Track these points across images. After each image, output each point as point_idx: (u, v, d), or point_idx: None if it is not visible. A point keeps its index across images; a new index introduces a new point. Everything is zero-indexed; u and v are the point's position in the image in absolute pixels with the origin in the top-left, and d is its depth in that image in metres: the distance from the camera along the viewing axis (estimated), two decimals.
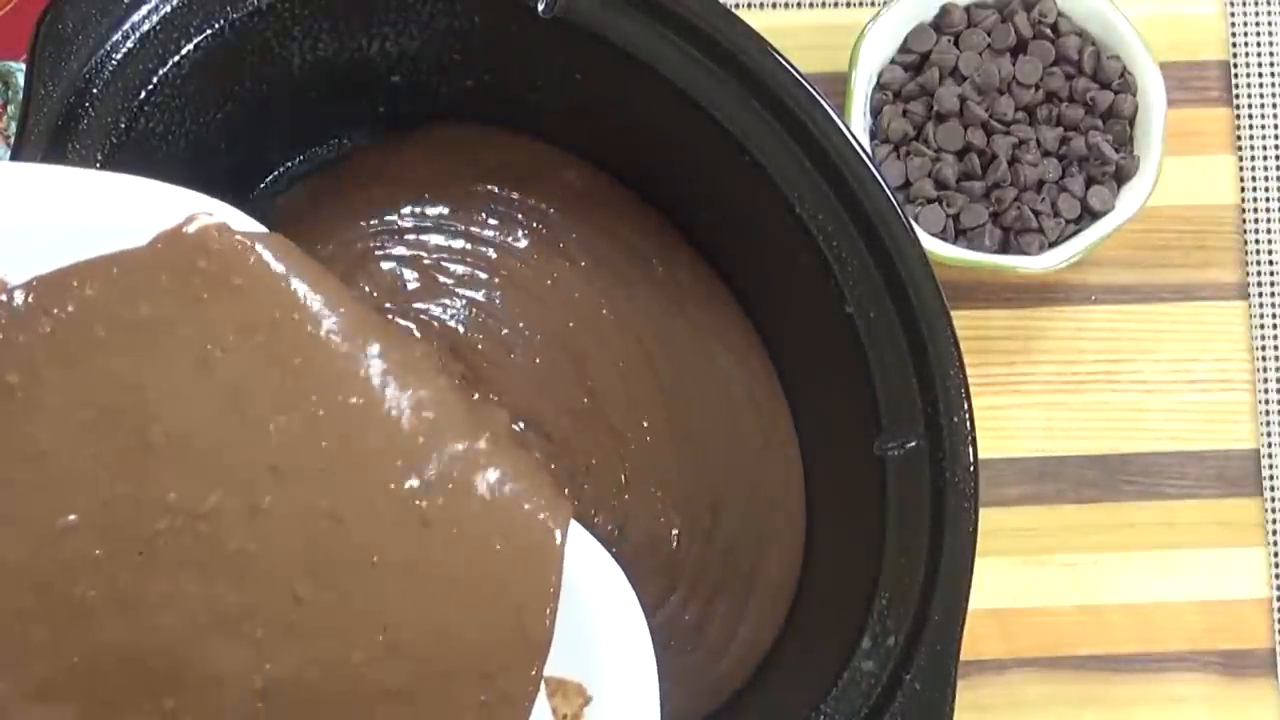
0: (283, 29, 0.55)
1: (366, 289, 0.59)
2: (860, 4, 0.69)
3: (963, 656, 0.52)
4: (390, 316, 0.59)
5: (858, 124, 0.64)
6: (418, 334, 0.59)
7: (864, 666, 0.52)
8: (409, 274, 0.60)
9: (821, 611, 0.58)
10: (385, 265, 0.60)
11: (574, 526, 0.45)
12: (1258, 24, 0.71)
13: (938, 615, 0.51)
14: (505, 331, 0.60)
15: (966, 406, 0.53)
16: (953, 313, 0.54)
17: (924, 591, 0.52)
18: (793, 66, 0.54)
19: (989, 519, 0.56)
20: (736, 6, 0.69)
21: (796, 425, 0.61)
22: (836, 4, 0.69)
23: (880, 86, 0.66)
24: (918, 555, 0.52)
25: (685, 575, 0.59)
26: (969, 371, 0.53)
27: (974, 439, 0.53)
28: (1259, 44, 0.70)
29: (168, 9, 0.52)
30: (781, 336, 0.61)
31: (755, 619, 0.59)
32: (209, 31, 0.53)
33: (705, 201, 0.60)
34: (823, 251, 0.54)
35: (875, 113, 0.65)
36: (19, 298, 0.45)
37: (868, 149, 0.60)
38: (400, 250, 0.60)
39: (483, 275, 0.60)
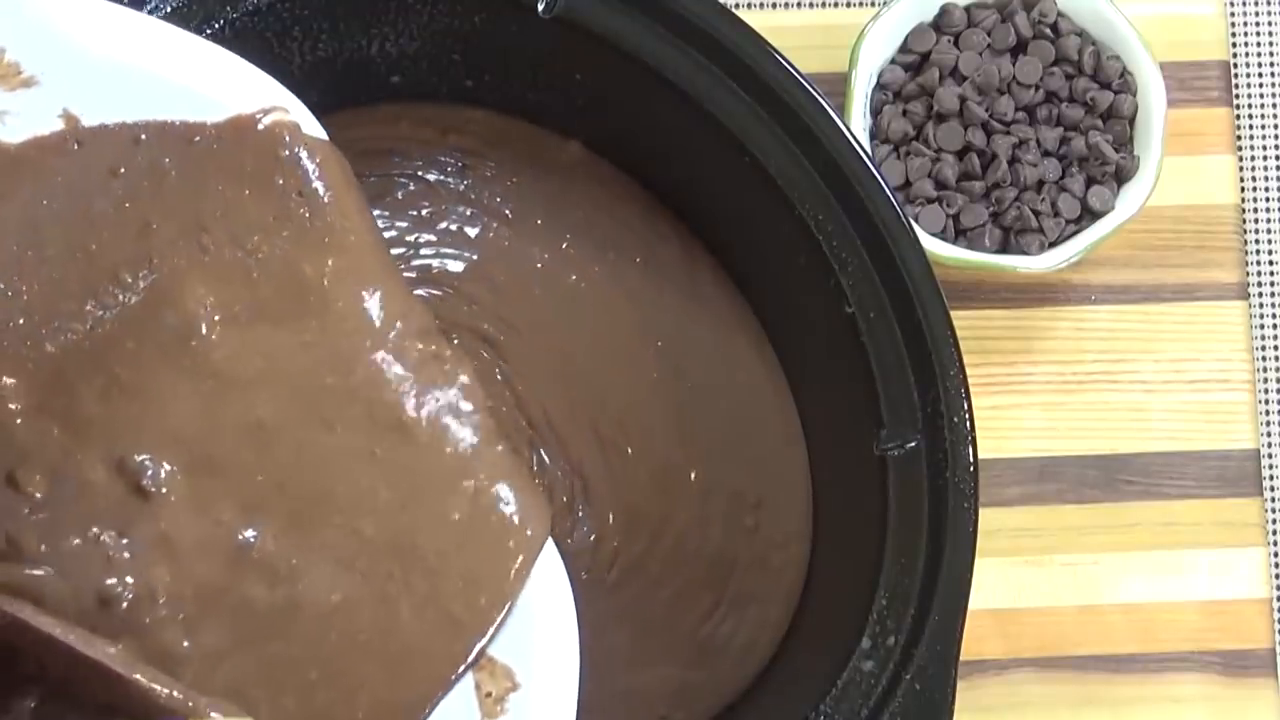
0: (283, 29, 0.55)
1: None
2: (860, 4, 0.69)
3: (963, 656, 0.52)
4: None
5: (858, 124, 0.64)
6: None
7: (864, 666, 0.52)
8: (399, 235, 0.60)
9: (822, 612, 0.58)
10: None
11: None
12: (1258, 24, 0.71)
13: (938, 615, 0.51)
14: (508, 307, 0.60)
15: (966, 406, 0.53)
16: (953, 313, 0.54)
17: (924, 591, 0.52)
18: (793, 66, 0.54)
19: (989, 519, 0.56)
20: (736, 6, 0.69)
21: (802, 424, 0.61)
22: (836, 4, 0.69)
23: (880, 86, 0.66)
24: (918, 555, 0.52)
25: (732, 583, 0.59)
26: (969, 371, 0.53)
27: (974, 439, 0.53)
28: (1259, 44, 0.70)
29: (168, 9, 0.52)
30: (784, 336, 0.61)
31: (773, 624, 0.59)
32: (209, 31, 0.53)
33: (706, 201, 0.60)
34: (823, 251, 0.54)
35: (875, 113, 0.65)
36: (88, 137, 0.46)
37: (868, 149, 0.60)
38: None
39: (475, 236, 0.60)
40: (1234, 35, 0.70)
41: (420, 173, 0.60)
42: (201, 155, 0.46)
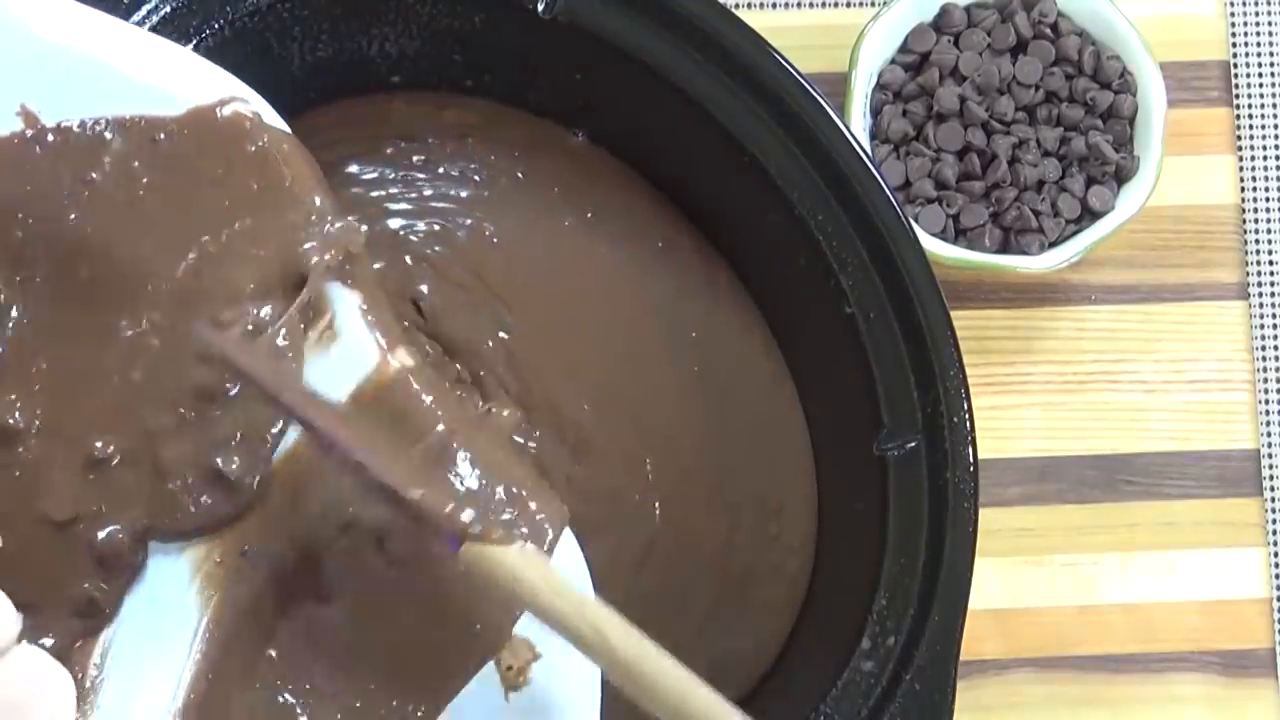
0: (283, 29, 0.55)
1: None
2: (860, 4, 0.69)
3: (963, 656, 0.52)
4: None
5: (858, 124, 0.64)
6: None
7: (864, 667, 0.52)
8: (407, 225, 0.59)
9: (823, 613, 0.58)
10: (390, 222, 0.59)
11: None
12: (1258, 24, 0.71)
13: (938, 615, 0.51)
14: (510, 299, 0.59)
15: (966, 406, 0.53)
16: (953, 313, 0.54)
17: (924, 592, 0.52)
18: (793, 66, 0.54)
19: (989, 519, 0.56)
20: (736, 6, 0.69)
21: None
22: (836, 4, 0.69)
23: (880, 86, 0.66)
24: (917, 555, 0.52)
25: (752, 595, 0.59)
26: (969, 371, 0.53)
27: (974, 439, 0.53)
28: (1259, 44, 0.70)
29: (167, 9, 0.52)
30: (784, 335, 0.61)
31: (780, 630, 0.59)
32: (209, 31, 0.53)
33: (707, 200, 0.60)
34: (823, 251, 0.54)
35: (875, 113, 0.65)
36: (51, 138, 0.45)
37: (868, 149, 0.60)
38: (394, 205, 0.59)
39: (481, 180, 0.59)
40: (1234, 35, 0.70)
41: (414, 136, 0.59)
42: (170, 157, 0.46)
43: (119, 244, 0.45)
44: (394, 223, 0.58)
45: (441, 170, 0.59)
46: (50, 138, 0.45)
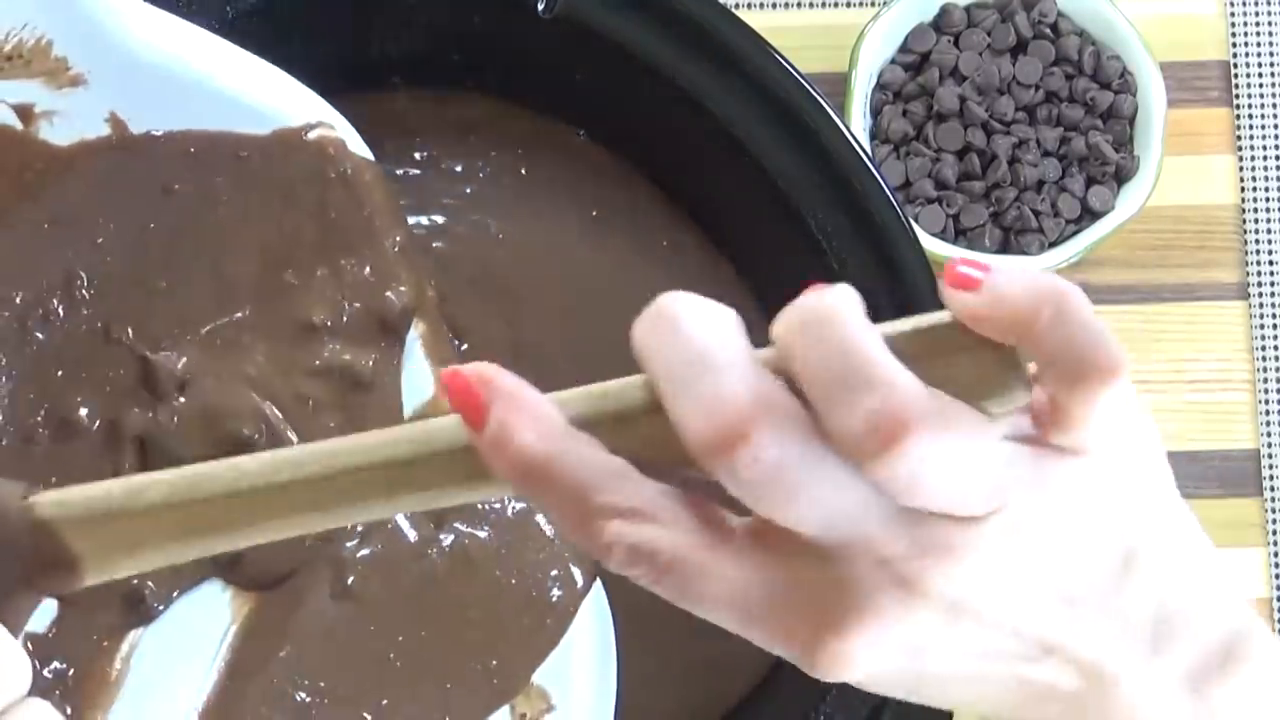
0: (283, 29, 0.55)
1: None
2: (860, 4, 0.69)
3: None
4: None
5: (858, 124, 0.64)
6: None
7: None
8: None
9: None
10: None
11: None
12: (1258, 24, 0.71)
13: None
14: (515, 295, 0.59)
15: None
16: None
17: None
18: (793, 66, 0.54)
19: None
20: (736, 6, 0.69)
21: None
22: (836, 4, 0.69)
23: (880, 86, 0.66)
24: None
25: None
26: None
27: None
28: (1259, 44, 0.70)
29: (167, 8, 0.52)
30: None
31: None
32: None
33: (707, 200, 0.60)
34: (823, 251, 0.54)
35: (875, 113, 0.65)
36: (136, 147, 0.45)
37: (868, 149, 0.60)
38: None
39: (485, 176, 0.59)
40: (1234, 35, 0.70)
41: (416, 133, 0.59)
42: (252, 175, 0.46)
43: (195, 258, 0.45)
44: None
45: (444, 167, 0.59)
46: (136, 146, 0.45)
